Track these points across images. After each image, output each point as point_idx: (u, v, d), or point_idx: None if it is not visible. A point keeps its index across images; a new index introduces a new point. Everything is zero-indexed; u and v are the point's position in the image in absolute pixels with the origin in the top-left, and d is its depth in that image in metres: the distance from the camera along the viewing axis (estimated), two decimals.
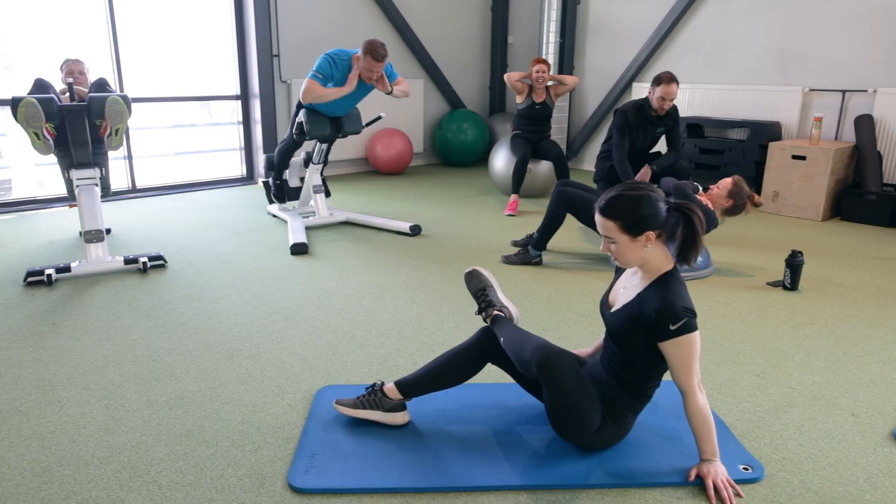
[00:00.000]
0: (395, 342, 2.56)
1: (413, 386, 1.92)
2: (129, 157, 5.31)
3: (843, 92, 5.06)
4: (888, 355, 2.49)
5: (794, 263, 3.18)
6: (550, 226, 3.49)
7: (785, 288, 3.23)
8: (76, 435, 1.89)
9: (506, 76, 4.99)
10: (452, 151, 6.77)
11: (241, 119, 5.89)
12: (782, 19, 5.28)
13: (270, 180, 4.55)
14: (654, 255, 1.67)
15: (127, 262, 3.39)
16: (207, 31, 5.59)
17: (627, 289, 1.76)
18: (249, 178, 6.04)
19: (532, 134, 5.00)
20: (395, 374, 2.29)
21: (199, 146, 5.92)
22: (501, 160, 5.20)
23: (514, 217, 4.69)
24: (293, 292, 3.10)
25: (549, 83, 5.08)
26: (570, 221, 4.60)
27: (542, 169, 5.16)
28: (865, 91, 4.93)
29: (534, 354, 1.65)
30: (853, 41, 4.94)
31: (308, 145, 5.85)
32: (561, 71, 6.64)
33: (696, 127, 5.70)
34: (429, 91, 6.95)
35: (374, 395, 1.94)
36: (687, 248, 1.66)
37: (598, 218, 1.67)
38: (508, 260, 3.56)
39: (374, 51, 3.72)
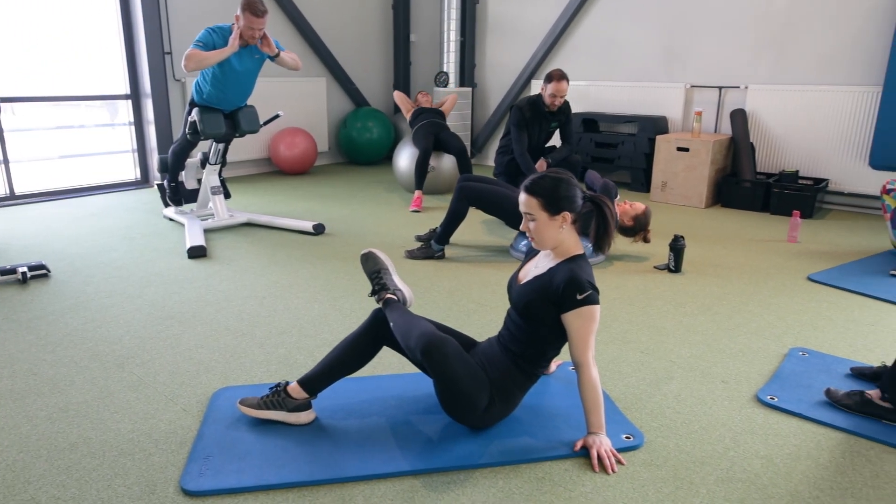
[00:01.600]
0: (296, 340, 2.54)
1: (315, 381, 1.92)
2: (6, 161, 4.94)
3: (720, 88, 5.45)
4: (756, 327, 2.73)
5: (676, 247, 3.41)
6: (453, 220, 3.57)
7: (670, 270, 3.45)
8: None
9: (395, 95, 5.44)
10: (358, 150, 6.74)
11: (132, 120, 5.61)
12: (666, 21, 5.62)
13: (165, 182, 4.37)
14: (568, 238, 1.82)
15: (3, 272, 3.16)
16: (91, 27, 5.29)
17: (539, 267, 1.88)
18: (144, 181, 5.77)
19: (433, 125, 5.07)
20: (295, 373, 2.27)
21: (88, 149, 5.59)
22: (406, 158, 5.25)
23: (419, 213, 4.74)
24: (189, 296, 3.01)
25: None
26: (473, 216, 4.70)
27: (446, 166, 5.24)
28: (738, 87, 5.34)
29: (418, 342, 1.71)
30: (727, 42, 5.33)
31: (205, 145, 5.66)
32: (462, 68, 6.76)
33: (591, 122, 5.96)
34: (332, 89, 6.89)
35: (277, 396, 1.93)
36: (601, 237, 1.84)
37: (522, 196, 1.81)
38: (411, 255, 3.61)
39: (254, 6, 3.59)
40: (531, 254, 2.01)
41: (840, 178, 4.97)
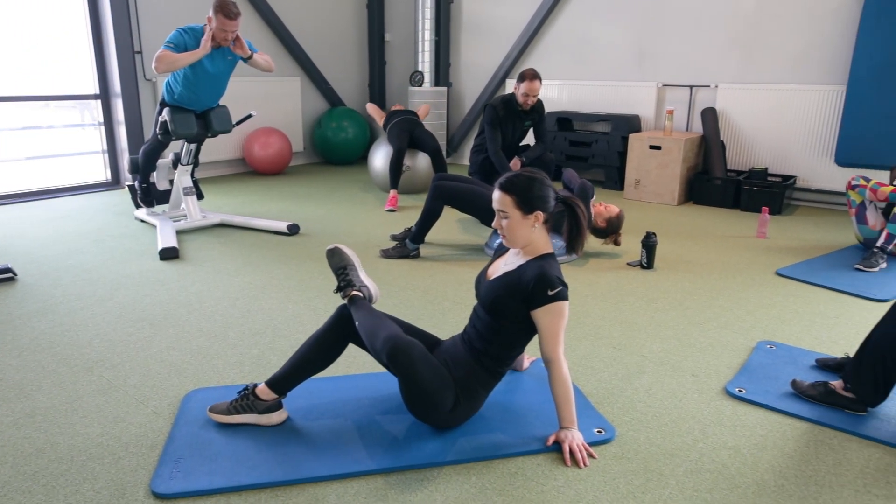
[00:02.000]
0: (270, 341, 2.53)
1: (283, 382, 1.91)
2: None
3: (691, 87, 5.53)
4: (725, 321, 2.78)
5: (648, 244, 3.45)
6: (427, 219, 3.57)
7: (642, 267, 3.50)
8: None
9: (368, 107, 5.51)
10: (333, 150, 6.71)
11: (101, 120, 5.52)
12: (637, 21, 5.68)
13: (136, 184, 4.31)
14: (539, 237, 1.83)
15: None
16: (58, 25, 5.19)
17: (508, 264, 1.89)
18: (115, 182, 5.68)
19: (406, 122, 5.06)
20: (269, 374, 2.26)
21: (56, 150, 5.48)
22: (381, 157, 5.24)
23: (395, 212, 4.74)
24: (161, 298, 2.97)
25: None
26: (449, 215, 4.71)
27: (421, 165, 5.24)
28: (709, 86, 5.43)
29: (384, 345, 1.71)
30: (697, 42, 5.41)
31: (177, 146, 5.59)
32: (437, 67, 6.77)
33: (566, 121, 6.01)
34: (306, 89, 6.85)
35: (246, 399, 1.91)
36: (573, 238, 1.86)
37: (496, 194, 1.82)
38: (386, 254, 3.61)
39: (226, 8, 3.54)
40: (500, 251, 2.02)
41: (807, 175, 5.08)
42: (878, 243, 3.54)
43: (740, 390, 2.15)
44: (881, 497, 1.64)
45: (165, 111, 3.82)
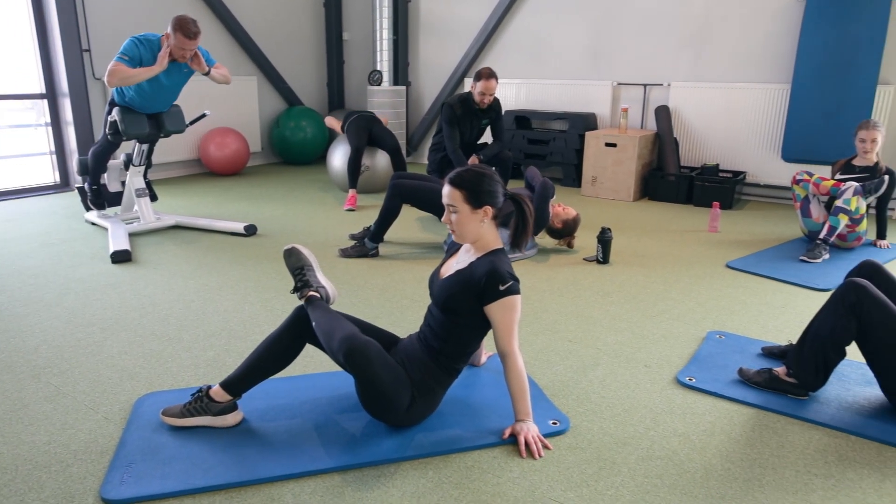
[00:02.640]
0: (225, 343, 2.49)
1: (238, 383, 1.89)
2: None
3: (645, 86, 5.65)
4: (678, 313, 2.86)
5: (604, 239, 3.52)
6: (386, 218, 3.57)
7: (598, 262, 3.56)
8: None
9: (326, 121, 5.50)
10: (292, 150, 6.64)
11: (49, 120, 5.35)
12: (592, 21, 5.78)
13: (86, 185, 4.20)
14: (488, 232, 1.86)
15: None
16: (1, 21, 5.01)
17: (460, 262, 1.90)
18: (64, 184, 5.51)
19: (364, 119, 5.04)
20: (225, 375, 2.23)
21: (1, 151, 5.29)
22: (340, 157, 5.21)
23: (354, 212, 4.72)
24: (113, 302, 2.90)
25: None
26: (407, 213, 4.72)
27: (381, 164, 5.23)
28: (662, 85, 5.56)
29: (341, 345, 1.70)
30: (650, 41, 5.53)
31: (129, 146, 5.45)
32: (396, 66, 6.77)
33: (524, 119, 6.07)
34: (263, 88, 6.76)
35: (200, 402, 1.89)
36: (518, 235, 1.88)
37: (445, 188, 1.83)
38: (345, 253, 3.59)
39: (186, 28, 3.47)
40: (452, 249, 2.04)
41: (756, 170, 5.24)
42: (821, 235, 3.68)
43: (690, 379, 2.21)
44: (820, 476, 1.71)
45: (115, 111, 3.72)
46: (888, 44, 4.60)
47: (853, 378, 2.23)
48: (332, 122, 5.43)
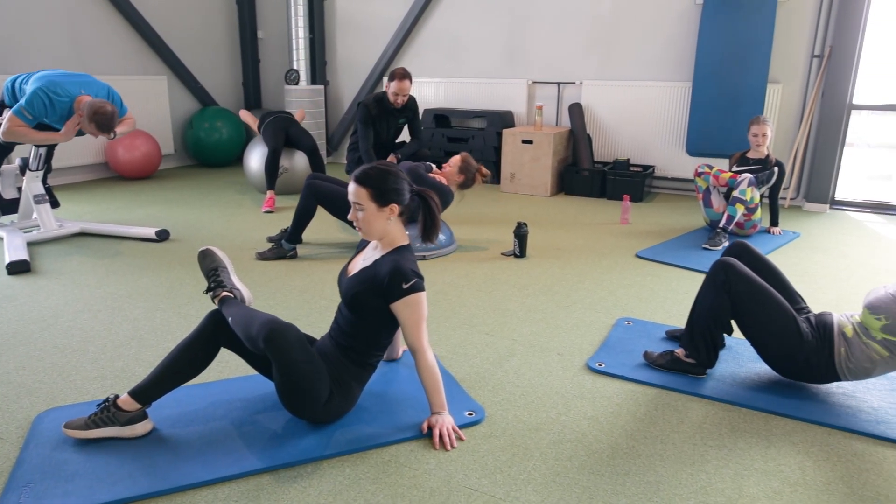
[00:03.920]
0: (135, 352, 2.41)
1: (148, 391, 1.84)
2: None
3: (558, 84, 5.83)
4: (590, 302, 2.98)
5: (520, 234, 3.62)
6: (302, 219, 3.53)
7: (515, 256, 3.66)
8: None
9: (241, 114, 5.30)
10: (207, 151, 6.44)
11: None
12: (507, 20, 5.91)
13: None
14: (394, 229, 1.87)
15: None
16: None
17: (366, 259, 1.91)
18: None
19: (280, 120, 4.96)
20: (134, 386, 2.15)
21: None
22: (257, 158, 5.10)
23: (272, 213, 4.64)
24: (9, 316, 2.74)
25: None
26: (325, 212, 4.66)
27: (299, 165, 5.16)
28: (574, 83, 5.75)
29: (261, 329, 1.69)
30: (563, 41, 5.71)
31: (25, 149, 5.13)
32: (313, 65, 6.68)
33: (443, 118, 6.14)
34: (174, 88, 6.52)
35: (107, 412, 1.82)
36: (428, 229, 1.90)
37: (351, 186, 1.83)
38: (262, 256, 3.53)
39: (103, 126, 3.31)
40: (360, 247, 2.05)
41: (664, 164, 5.51)
42: (721, 224, 3.93)
43: (600, 364, 2.32)
44: (714, 447, 1.84)
45: (6, 112, 3.50)
46: (776, 45, 4.94)
47: (746, 356, 2.40)
48: (247, 117, 5.29)
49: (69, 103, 3.39)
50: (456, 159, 3.66)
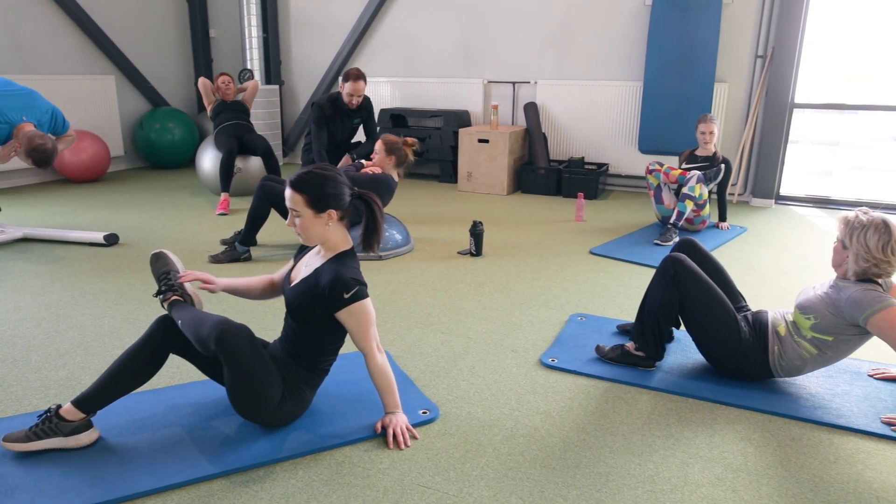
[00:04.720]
0: (81, 360, 2.34)
1: (92, 399, 1.79)
2: None
3: (514, 83, 5.89)
4: (544, 299, 3.02)
5: (475, 232, 3.64)
6: (255, 220, 3.49)
7: (471, 255, 3.69)
8: None
9: (199, 82, 5.06)
10: (159, 153, 6.29)
11: None
12: (462, 20, 5.93)
13: None
14: (335, 234, 1.82)
15: None
16: None
17: (308, 266, 1.87)
18: None
19: (236, 128, 4.89)
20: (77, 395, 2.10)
21: None
22: (210, 159, 5.01)
23: (227, 216, 4.56)
24: None
25: (238, 97, 5.22)
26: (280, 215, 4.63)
27: (254, 166, 5.09)
28: (529, 82, 5.81)
29: (212, 330, 1.66)
30: (517, 41, 5.77)
31: None
32: (267, 65, 6.59)
33: (400, 117, 6.13)
34: (123, 88, 6.34)
35: (49, 422, 1.76)
36: (370, 234, 1.84)
37: (287, 192, 1.76)
38: (216, 259, 3.47)
39: (41, 163, 3.26)
40: (302, 252, 2.00)
41: (617, 162, 5.62)
42: (671, 220, 4.03)
43: (553, 360, 2.36)
44: (661, 437, 1.89)
45: None
46: (722, 45, 5.09)
47: (693, 348, 2.48)
48: (204, 87, 5.06)
49: (8, 130, 3.29)
50: (378, 145, 3.61)
